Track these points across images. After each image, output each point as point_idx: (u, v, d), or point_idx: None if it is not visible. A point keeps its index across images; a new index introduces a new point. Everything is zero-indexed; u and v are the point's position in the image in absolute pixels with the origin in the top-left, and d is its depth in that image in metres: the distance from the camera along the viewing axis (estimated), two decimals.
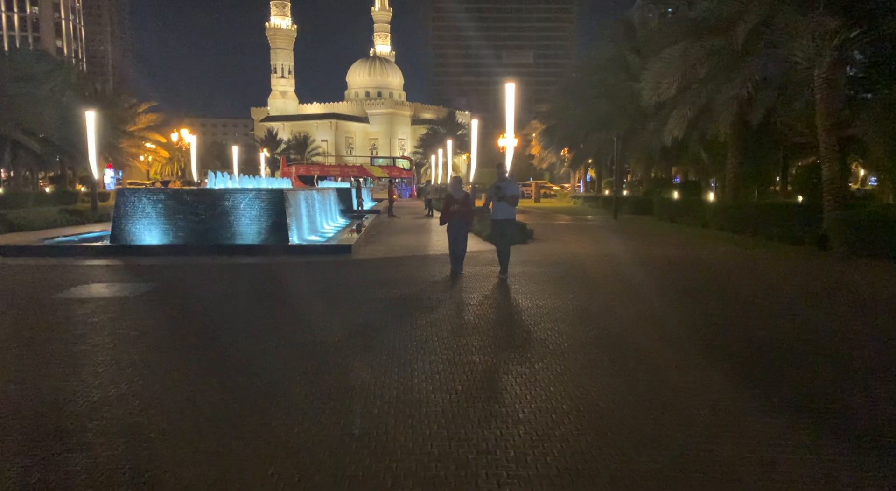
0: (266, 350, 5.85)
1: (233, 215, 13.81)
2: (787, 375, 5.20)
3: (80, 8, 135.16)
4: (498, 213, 10.08)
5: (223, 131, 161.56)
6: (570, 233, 20.55)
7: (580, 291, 9.07)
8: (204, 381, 4.97)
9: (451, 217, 10.41)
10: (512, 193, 9.99)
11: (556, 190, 70.64)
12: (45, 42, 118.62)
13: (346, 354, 5.75)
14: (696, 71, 18.91)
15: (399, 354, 5.73)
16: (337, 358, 5.60)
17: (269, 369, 5.27)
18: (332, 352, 5.81)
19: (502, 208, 10.02)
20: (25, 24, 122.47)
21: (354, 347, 5.98)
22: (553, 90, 47.38)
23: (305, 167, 64.22)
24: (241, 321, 7.16)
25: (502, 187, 9.96)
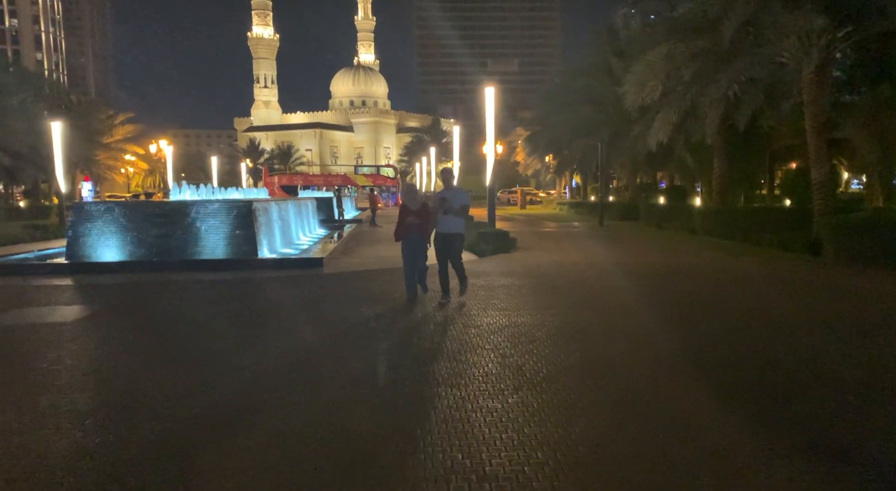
0: (183, 394, 5.12)
1: (197, 229, 13.05)
2: (791, 407, 4.54)
3: (61, 20, 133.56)
4: (443, 225, 8.59)
5: (207, 142, 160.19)
6: (554, 241, 19.94)
7: (562, 307, 8.41)
8: (95, 433, 4.22)
9: (407, 231, 8.78)
10: (461, 204, 8.59)
11: (541, 196, 70.32)
12: (25, 54, 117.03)
13: (287, 390, 5.02)
14: (680, 73, 18.43)
15: (349, 390, 5.02)
16: (274, 395, 4.87)
17: (176, 418, 4.54)
18: (271, 388, 5.08)
19: (449, 221, 8.58)
20: (4, 36, 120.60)
21: (297, 382, 5.25)
22: (537, 96, 46.95)
23: (288, 177, 63.32)
24: (174, 351, 6.41)
25: (447, 198, 8.49)
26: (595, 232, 23.78)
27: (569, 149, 39.20)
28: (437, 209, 8.56)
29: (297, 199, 22.57)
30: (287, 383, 5.16)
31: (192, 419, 4.37)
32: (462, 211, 8.59)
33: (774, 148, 27.06)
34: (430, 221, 8.73)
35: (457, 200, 8.56)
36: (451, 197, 8.53)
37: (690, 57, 17.83)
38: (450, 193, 8.61)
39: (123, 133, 53.19)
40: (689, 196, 33.49)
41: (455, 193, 8.65)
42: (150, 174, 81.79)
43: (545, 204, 60.80)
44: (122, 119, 53.68)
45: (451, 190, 8.72)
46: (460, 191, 8.83)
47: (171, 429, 4.19)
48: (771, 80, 18.69)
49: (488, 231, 16.26)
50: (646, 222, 26.82)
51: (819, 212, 15.60)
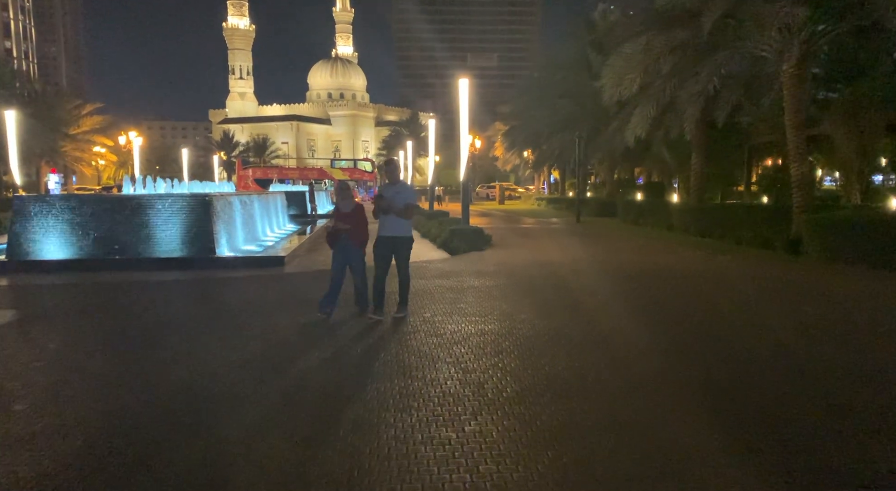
0: (73, 422, 4.44)
1: (150, 225, 12.24)
2: (785, 434, 4.01)
3: (31, 8, 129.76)
4: (385, 228, 7.35)
5: (183, 134, 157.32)
6: (530, 238, 19.42)
7: (534, 311, 7.84)
8: None
9: (337, 237, 7.48)
10: (406, 202, 7.26)
11: (520, 192, 70.01)
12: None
13: (200, 416, 4.37)
14: (658, 66, 17.97)
15: (274, 416, 4.38)
16: (185, 425, 4.22)
17: (56, 454, 3.87)
18: (183, 415, 4.43)
19: (392, 222, 7.29)
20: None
21: (215, 405, 4.60)
22: (516, 90, 46.46)
23: (262, 170, 61.93)
24: (92, 367, 5.72)
25: (387, 196, 7.23)
26: (572, 229, 23.34)
27: (547, 144, 38.77)
28: (377, 209, 7.26)
29: (264, 193, 21.75)
30: (204, 408, 4.51)
31: (73, 457, 3.70)
32: (406, 211, 7.27)
33: (752, 144, 26.88)
34: (365, 227, 7.55)
35: (400, 198, 7.25)
36: (392, 194, 7.28)
37: (669, 50, 17.37)
38: (391, 190, 7.35)
39: (91, 124, 51.49)
40: (666, 192, 33.26)
41: (398, 190, 7.35)
42: (122, 166, 79.78)
43: (524, 199, 60.49)
44: (89, 109, 51.97)
45: (395, 186, 7.43)
46: (405, 187, 7.53)
47: (48, 470, 3.52)
48: (750, 74, 18.33)
49: (462, 228, 15.68)
50: (623, 219, 26.46)
51: (799, 209, 15.26)
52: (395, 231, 7.33)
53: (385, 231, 7.36)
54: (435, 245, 15.67)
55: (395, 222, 7.30)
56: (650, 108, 19.25)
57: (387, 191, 7.34)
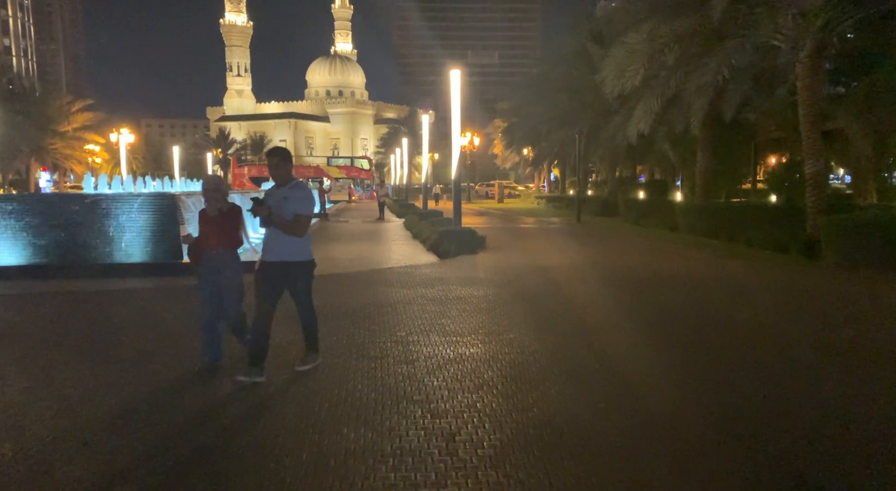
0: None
1: (113, 227, 11.23)
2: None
3: (30, 5, 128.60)
4: (270, 248, 5.06)
5: (182, 132, 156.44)
6: (527, 239, 18.42)
7: (525, 329, 6.83)
8: None
9: (203, 250, 5.33)
10: (296, 213, 4.96)
11: (520, 190, 69.01)
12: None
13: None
14: (663, 57, 16.91)
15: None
16: None
17: None
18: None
19: (277, 242, 5.02)
20: None
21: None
22: (514, 86, 45.42)
23: (258, 168, 60.94)
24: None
25: (270, 203, 4.93)
26: (572, 229, 22.32)
27: (546, 140, 37.79)
28: (264, 220, 4.90)
29: (247, 193, 20.73)
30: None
31: None
32: (296, 225, 4.93)
33: (759, 140, 25.86)
34: (239, 233, 5.36)
35: (288, 206, 4.92)
36: (277, 201, 4.94)
37: (675, 39, 16.32)
38: (277, 195, 4.99)
39: (82, 120, 50.42)
40: (669, 191, 32.26)
41: (287, 194, 4.97)
42: (118, 165, 78.80)
43: (523, 198, 59.49)
44: (80, 106, 50.90)
45: (284, 189, 5.01)
46: (299, 190, 5.06)
47: None
48: (760, 66, 17.31)
49: (453, 229, 14.67)
50: (625, 218, 25.43)
51: (814, 209, 14.24)
52: (283, 254, 5.00)
53: (269, 254, 5.05)
54: (424, 247, 14.67)
55: (282, 242, 4.96)
56: (654, 101, 18.23)
57: (271, 196, 5.03)
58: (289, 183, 5.08)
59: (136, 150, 74.85)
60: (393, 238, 17.99)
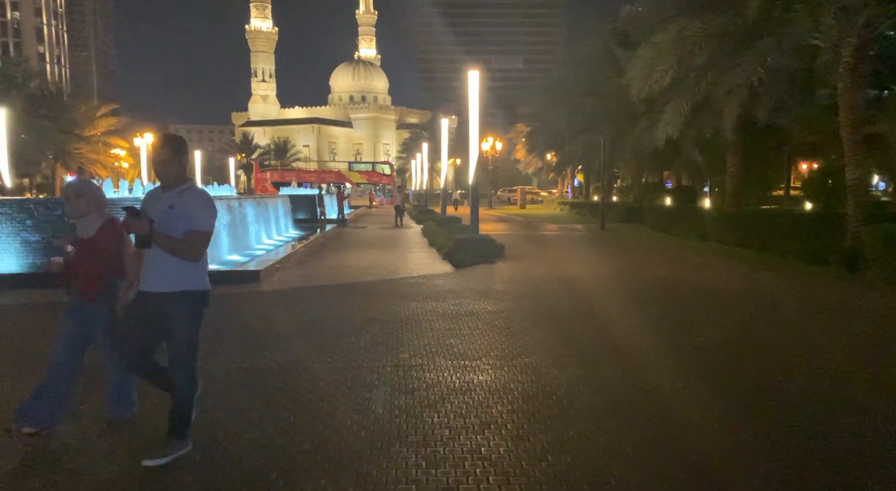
0: None
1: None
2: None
3: (63, 13, 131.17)
4: (147, 275, 3.63)
5: (209, 137, 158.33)
6: (548, 247, 17.70)
7: (542, 353, 6.15)
8: None
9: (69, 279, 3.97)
10: (191, 226, 3.55)
11: (543, 196, 68.09)
12: (27, 47, 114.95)
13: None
14: (693, 57, 16.12)
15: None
16: None
17: None
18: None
19: (157, 265, 3.58)
20: (6, 29, 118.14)
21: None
22: (536, 90, 44.64)
23: (280, 173, 61.08)
24: None
25: (150, 211, 3.55)
26: (596, 237, 21.52)
27: (570, 145, 36.99)
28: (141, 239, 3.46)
29: (262, 198, 20.39)
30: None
31: None
32: (187, 243, 3.53)
33: (794, 145, 24.79)
34: (105, 264, 3.89)
35: (176, 218, 3.54)
36: (162, 211, 3.54)
37: (706, 38, 15.52)
38: (162, 203, 3.58)
39: (106, 125, 50.91)
40: (697, 197, 31.23)
41: (175, 202, 3.57)
42: (146, 170, 79.62)
43: (546, 203, 58.58)
44: (104, 111, 51.41)
45: (174, 192, 3.61)
46: (193, 197, 3.60)
47: None
48: (796, 67, 16.40)
49: (469, 237, 14.03)
50: (651, 226, 24.53)
51: (855, 219, 13.32)
52: (163, 283, 3.55)
53: (148, 282, 3.61)
54: (440, 256, 14.05)
55: (164, 265, 3.52)
56: (683, 104, 17.41)
57: (153, 203, 3.61)
58: (179, 185, 3.58)
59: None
60: (409, 245, 17.41)
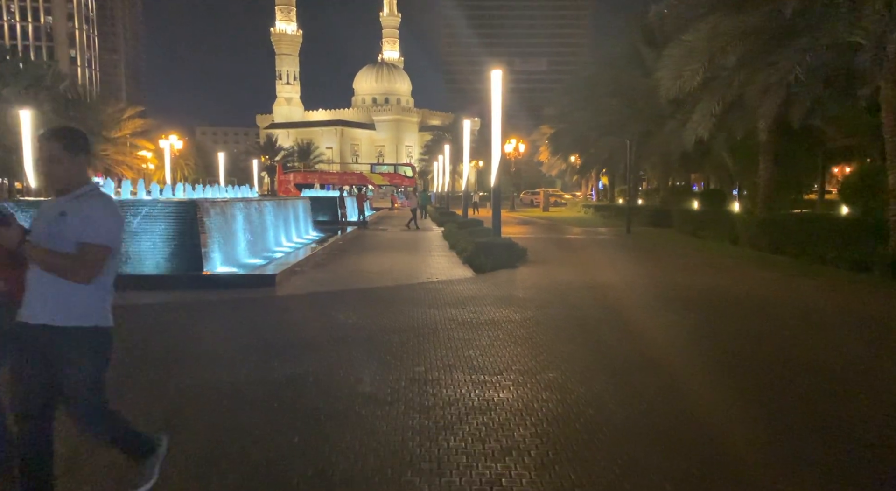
0: None
1: (130, 236, 10.62)
2: None
3: (94, 18, 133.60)
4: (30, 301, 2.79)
5: (235, 139, 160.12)
6: (573, 251, 17.20)
7: (567, 367, 5.72)
8: None
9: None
10: (83, 237, 2.70)
11: (566, 198, 67.33)
12: (59, 51, 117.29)
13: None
14: (725, 56, 15.51)
15: None
16: None
17: None
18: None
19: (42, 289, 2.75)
20: (39, 33, 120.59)
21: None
22: (561, 91, 44.03)
23: (303, 175, 61.30)
24: None
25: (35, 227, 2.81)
26: (622, 241, 20.95)
27: (595, 147, 36.37)
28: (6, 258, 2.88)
29: (281, 200, 20.20)
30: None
31: None
32: (78, 260, 2.70)
33: (828, 148, 23.93)
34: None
35: (68, 227, 2.72)
36: (50, 218, 2.79)
37: (740, 35, 14.91)
38: (53, 209, 2.81)
39: (133, 127, 51.56)
40: (726, 201, 30.41)
41: (70, 207, 2.76)
42: (172, 171, 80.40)
43: (570, 206, 57.85)
44: (131, 113, 52.07)
45: (68, 198, 2.80)
46: (91, 200, 2.79)
47: None
48: (834, 66, 15.70)
49: (491, 240, 13.62)
50: (679, 230, 23.86)
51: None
52: (50, 312, 2.75)
53: (27, 309, 2.79)
54: (460, 260, 13.66)
55: (51, 290, 2.74)
56: (714, 104, 16.80)
57: (45, 211, 2.88)
58: (74, 189, 2.81)
59: (188, 157, 76.39)
60: (429, 249, 17.05)
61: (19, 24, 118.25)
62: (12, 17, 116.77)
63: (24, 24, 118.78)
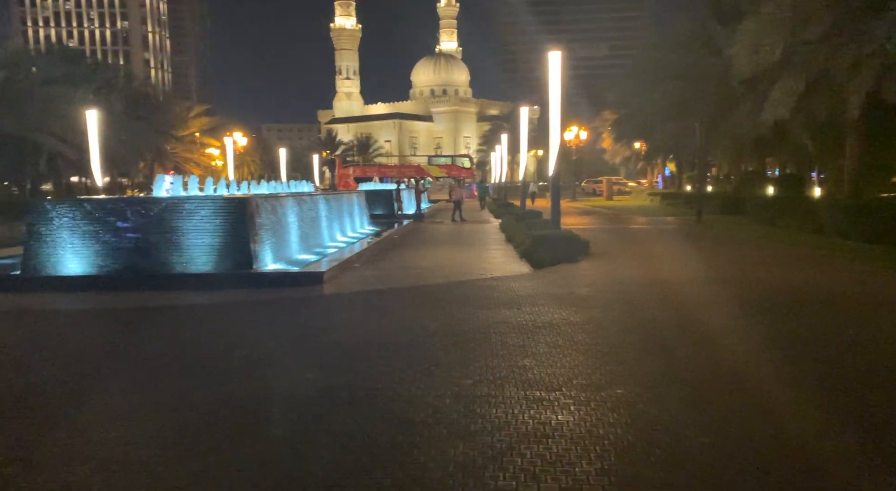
0: None
1: (177, 233, 10.45)
2: None
3: (166, 21, 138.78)
4: None
5: (299, 136, 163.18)
6: (640, 243, 16.18)
7: (641, 380, 4.99)
8: None
9: None
10: None
11: (630, 187, 65.14)
12: (134, 55, 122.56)
13: None
14: (809, 27, 14.13)
15: None
16: None
17: None
18: None
19: None
20: (116, 38, 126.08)
21: None
22: (624, 75, 42.28)
23: (362, 169, 61.67)
24: None
25: None
26: (692, 231, 19.67)
27: (660, 133, 34.67)
28: None
29: (334, 194, 19.95)
30: None
31: None
32: None
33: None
34: None
35: None
36: None
37: (824, 4, 13.52)
38: None
39: (199, 125, 53.01)
40: (805, 186, 28.32)
41: None
42: (239, 167, 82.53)
43: (634, 195, 55.83)
44: (197, 111, 53.57)
45: None
46: None
47: None
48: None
49: (549, 233, 12.83)
50: (755, 218, 22.27)
51: None
52: None
53: None
54: (517, 254, 12.96)
55: None
56: (796, 81, 15.39)
57: None
58: None
59: (252, 154, 78.27)
60: (484, 242, 16.41)
61: (98, 29, 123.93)
62: (92, 24, 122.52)
63: (103, 30, 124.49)
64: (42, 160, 33.73)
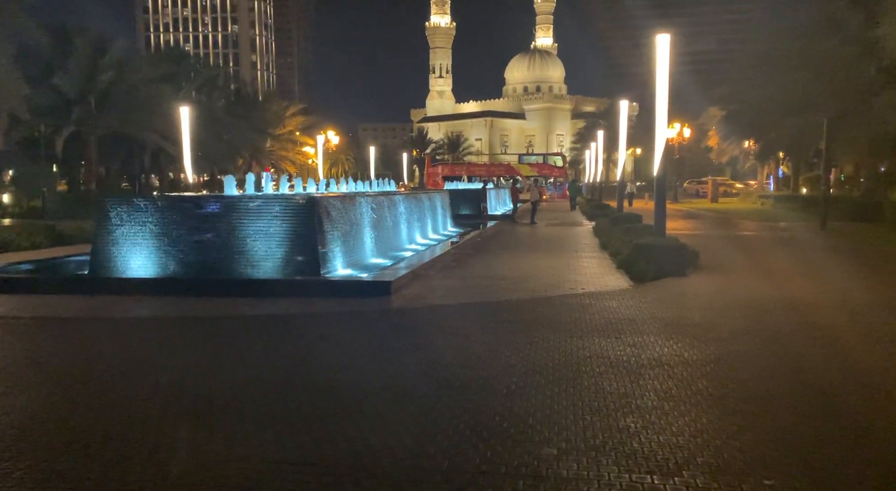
0: None
1: (244, 236, 9.74)
2: None
3: (273, 24, 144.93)
4: None
5: (392, 135, 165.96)
6: (759, 253, 14.11)
7: (791, 459, 3.50)
8: None
9: None
10: None
11: (738, 188, 60.46)
12: (242, 56, 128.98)
13: None
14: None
15: None
16: None
17: None
18: None
19: None
20: (227, 42, 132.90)
21: None
22: (735, 67, 38.84)
23: (451, 167, 61.07)
24: None
25: None
26: (816, 239, 17.17)
27: (776, 129, 31.44)
28: None
29: (415, 194, 19.00)
30: None
31: None
32: None
33: None
34: None
35: None
36: None
37: None
38: None
39: (294, 124, 54.21)
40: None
41: None
42: (334, 165, 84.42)
43: (742, 197, 51.65)
44: (293, 110, 54.78)
45: None
46: None
47: None
48: None
49: (652, 242, 11.16)
50: (893, 226, 19.30)
51: None
52: None
53: None
54: (613, 264, 11.41)
55: None
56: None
57: None
58: None
59: (346, 152, 79.71)
60: (576, 247, 14.89)
61: (211, 34, 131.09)
62: (206, 28, 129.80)
63: (216, 34, 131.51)
64: (147, 156, 35.24)
